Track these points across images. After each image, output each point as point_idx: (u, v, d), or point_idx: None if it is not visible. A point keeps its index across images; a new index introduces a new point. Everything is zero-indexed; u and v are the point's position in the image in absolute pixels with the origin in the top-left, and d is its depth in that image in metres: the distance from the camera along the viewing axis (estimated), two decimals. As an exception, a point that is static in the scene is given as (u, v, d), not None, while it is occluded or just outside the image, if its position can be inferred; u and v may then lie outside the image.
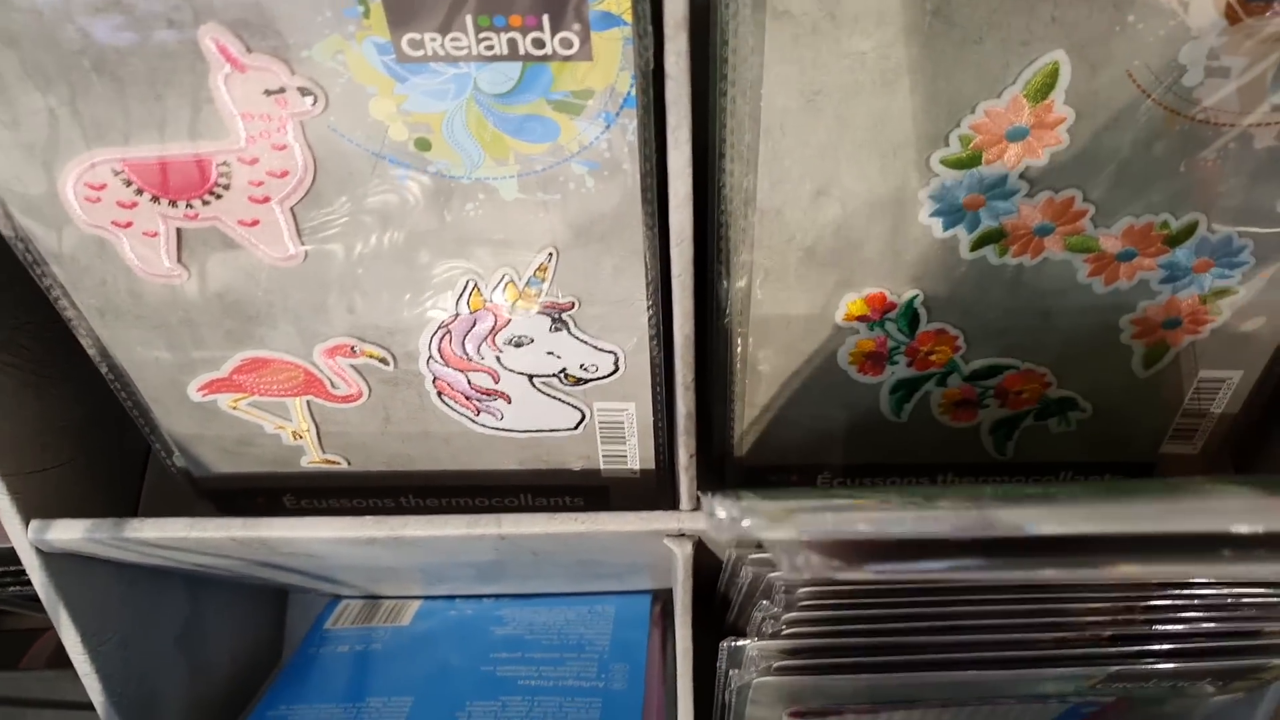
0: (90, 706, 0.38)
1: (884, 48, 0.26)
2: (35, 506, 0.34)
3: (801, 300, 0.32)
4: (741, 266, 0.31)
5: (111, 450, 0.39)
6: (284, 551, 0.36)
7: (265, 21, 0.24)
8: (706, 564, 0.37)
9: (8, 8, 0.23)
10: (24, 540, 0.34)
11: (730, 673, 0.33)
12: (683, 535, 0.35)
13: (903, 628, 0.32)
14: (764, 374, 0.35)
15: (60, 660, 0.50)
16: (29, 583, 0.45)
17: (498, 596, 0.54)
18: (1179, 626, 0.32)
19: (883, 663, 0.32)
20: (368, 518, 0.33)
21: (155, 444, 0.37)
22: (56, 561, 0.35)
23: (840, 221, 0.30)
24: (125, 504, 0.41)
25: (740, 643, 0.32)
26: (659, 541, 0.35)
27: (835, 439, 0.37)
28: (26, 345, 0.34)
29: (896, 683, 0.32)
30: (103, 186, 0.27)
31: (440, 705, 0.44)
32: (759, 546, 0.34)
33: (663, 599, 0.53)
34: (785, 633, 0.32)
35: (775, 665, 0.32)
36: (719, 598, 0.39)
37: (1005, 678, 0.33)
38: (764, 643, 0.32)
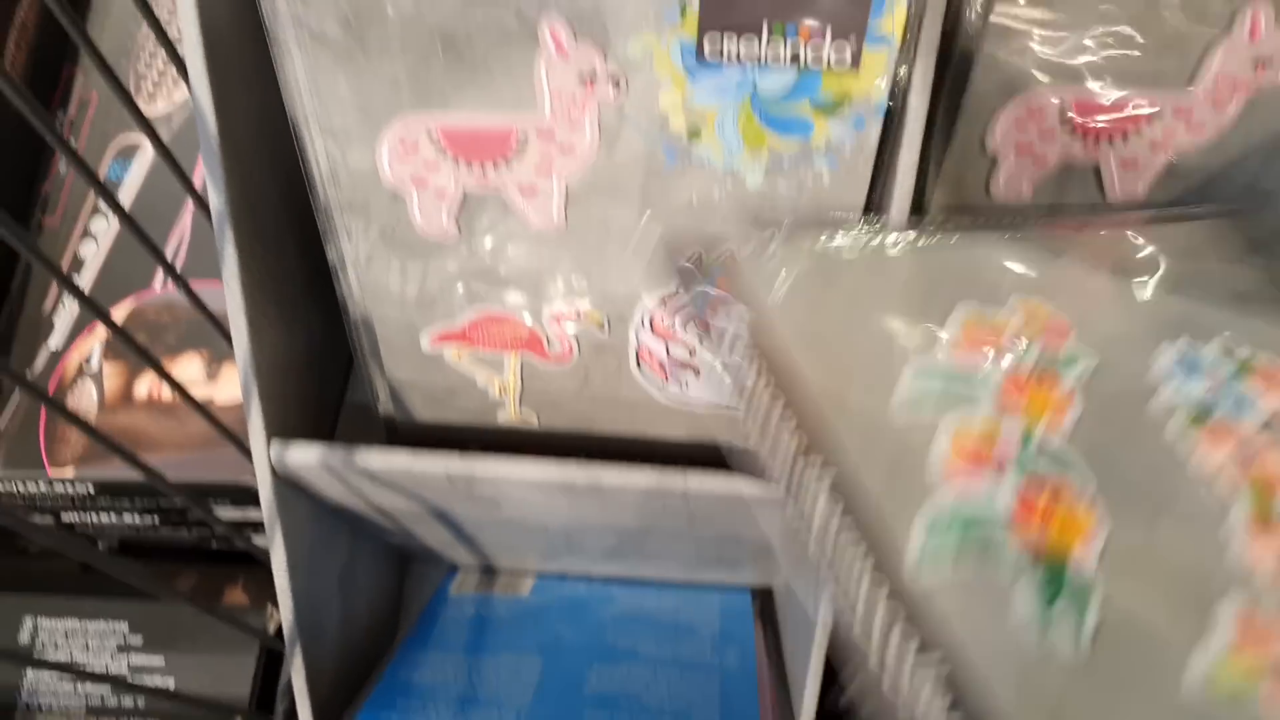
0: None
1: None
2: (272, 430, 0.38)
3: None
4: None
5: (314, 393, 0.44)
6: (476, 495, 0.40)
7: (596, 16, 0.29)
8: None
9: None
10: (264, 457, 0.38)
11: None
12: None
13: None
14: None
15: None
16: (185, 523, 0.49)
17: (606, 579, 0.57)
18: None
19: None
20: (569, 462, 0.38)
21: (372, 389, 0.41)
22: (281, 483, 0.39)
23: None
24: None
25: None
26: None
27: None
28: (286, 282, 0.39)
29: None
30: (414, 145, 0.32)
31: (568, 667, 0.48)
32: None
33: (761, 597, 0.57)
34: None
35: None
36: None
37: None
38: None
